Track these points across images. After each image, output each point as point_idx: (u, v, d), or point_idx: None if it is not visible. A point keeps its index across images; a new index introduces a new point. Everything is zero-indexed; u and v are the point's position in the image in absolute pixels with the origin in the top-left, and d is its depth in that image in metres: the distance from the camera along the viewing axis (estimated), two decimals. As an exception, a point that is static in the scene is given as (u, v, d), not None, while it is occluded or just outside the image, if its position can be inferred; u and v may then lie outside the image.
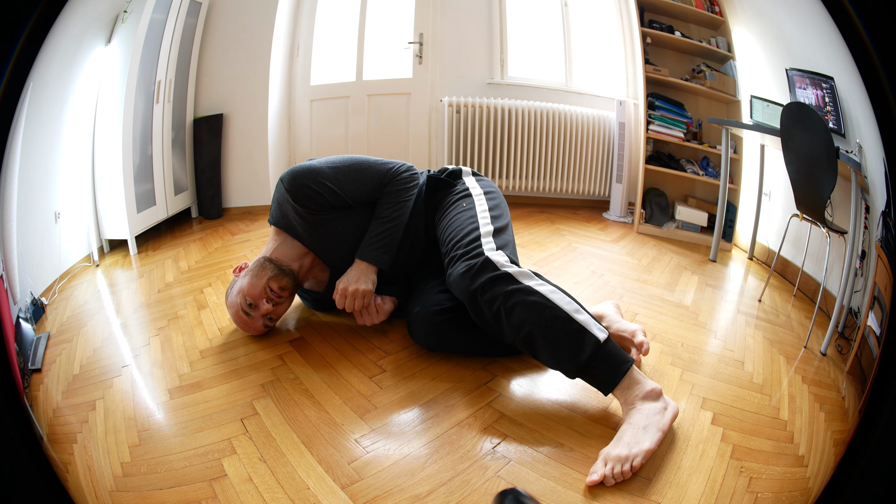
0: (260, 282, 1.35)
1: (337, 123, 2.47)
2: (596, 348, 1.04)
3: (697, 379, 1.26)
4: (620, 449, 0.94)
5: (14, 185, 0.95)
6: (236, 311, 1.37)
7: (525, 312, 1.09)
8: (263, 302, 1.35)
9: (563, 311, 1.07)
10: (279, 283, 1.37)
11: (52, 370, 1.18)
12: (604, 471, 0.91)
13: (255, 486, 0.91)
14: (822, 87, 1.28)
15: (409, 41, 2.44)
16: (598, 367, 1.04)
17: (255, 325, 1.38)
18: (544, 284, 1.13)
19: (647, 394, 1.02)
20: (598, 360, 1.04)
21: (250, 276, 1.36)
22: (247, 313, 1.35)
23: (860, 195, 1.13)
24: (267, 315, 1.37)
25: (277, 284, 1.36)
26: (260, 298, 1.35)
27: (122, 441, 1.02)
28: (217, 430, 1.05)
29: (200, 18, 1.97)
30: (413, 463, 0.97)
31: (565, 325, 1.06)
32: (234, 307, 1.37)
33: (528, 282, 1.12)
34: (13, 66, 0.76)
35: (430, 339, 1.32)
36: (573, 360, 1.05)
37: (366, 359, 1.33)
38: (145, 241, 1.87)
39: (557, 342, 1.07)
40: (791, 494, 0.92)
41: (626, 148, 2.43)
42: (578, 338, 1.05)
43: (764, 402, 1.18)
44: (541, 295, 1.10)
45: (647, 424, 0.97)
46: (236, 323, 1.40)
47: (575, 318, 1.07)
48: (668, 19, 2.17)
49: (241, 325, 1.39)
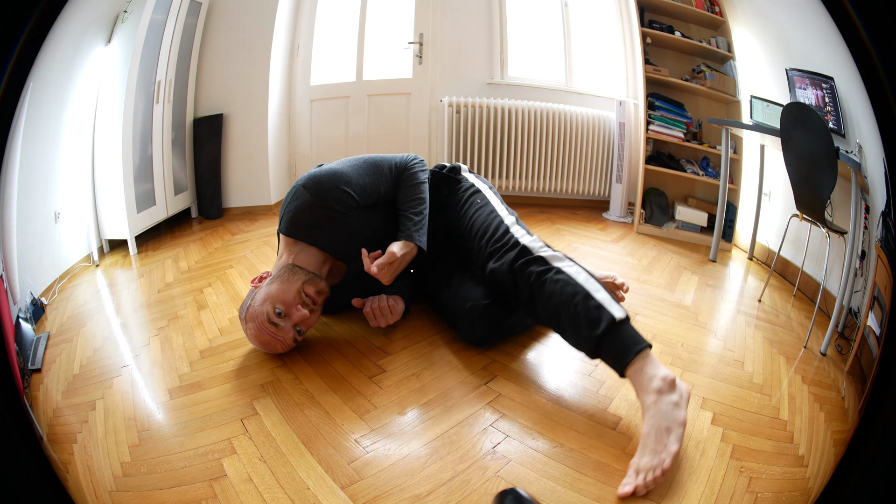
0: (293, 286, 1.25)
1: (337, 123, 2.47)
2: (611, 324, 1.06)
3: (697, 379, 1.26)
4: (649, 457, 0.93)
5: (14, 185, 0.95)
6: (261, 323, 1.22)
7: (552, 290, 1.16)
8: (297, 308, 1.24)
9: (584, 289, 1.12)
10: (316, 286, 1.28)
11: (52, 370, 1.18)
12: (636, 482, 0.90)
13: (255, 486, 0.91)
14: (822, 87, 1.28)
15: (409, 41, 2.44)
16: (612, 344, 1.06)
17: (284, 338, 1.24)
18: (573, 266, 1.20)
19: (662, 381, 0.99)
20: (612, 337, 1.06)
21: (279, 283, 1.26)
22: (275, 324, 1.22)
23: (860, 195, 1.13)
24: (297, 326, 1.25)
25: (314, 288, 1.28)
26: (293, 305, 1.24)
27: (122, 441, 1.02)
28: (217, 430, 1.05)
29: (200, 18, 1.97)
30: (413, 463, 0.97)
31: (585, 300, 1.10)
32: (259, 319, 1.23)
33: (558, 263, 1.20)
34: (13, 66, 0.76)
35: (486, 331, 1.35)
36: (590, 334, 1.07)
37: (366, 359, 1.33)
38: (145, 241, 1.87)
39: (577, 317, 1.10)
40: (791, 494, 0.92)
41: (626, 148, 2.43)
42: (596, 313, 1.08)
43: (764, 402, 1.18)
44: (567, 275, 1.16)
45: (669, 425, 0.96)
46: (258, 340, 1.25)
47: (594, 296, 1.11)
48: (668, 19, 2.17)
49: (263, 341, 1.25)
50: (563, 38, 2.53)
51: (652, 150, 2.24)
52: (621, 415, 1.12)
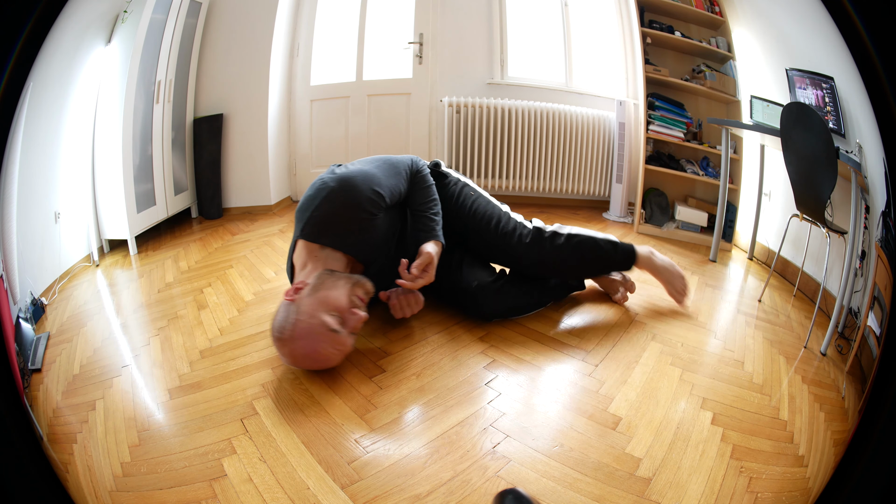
0: (343, 291, 1.20)
1: (337, 123, 2.47)
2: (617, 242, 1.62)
3: (697, 379, 1.26)
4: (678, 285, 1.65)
5: (14, 185, 0.95)
6: (319, 335, 1.15)
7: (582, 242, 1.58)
8: (352, 313, 1.19)
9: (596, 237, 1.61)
10: (364, 288, 1.25)
11: (52, 370, 1.18)
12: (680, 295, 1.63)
13: (255, 486, 0.91)
14: (822, 87, 1.28)
15: (409, 41, 2.44)
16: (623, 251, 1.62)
17: (343, 347, 1.19)
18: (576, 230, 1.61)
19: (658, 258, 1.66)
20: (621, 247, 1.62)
21: (326, 290, 1.19)
22: (336, 331, 1.16)
23: (860, 195, 1.13)
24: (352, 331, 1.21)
25: (363, 290, 1.25)
26: (347, 311, 1.19)
27: (122, 441, 1.02)
28: (217, 430, 1.05)
29: (200, 18, 1.97)
30: (413, 463, 0.97)
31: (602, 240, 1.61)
32: (316, 331, 1.15)
33: (567, 231, 1.60)
34: (13, 66, 0.76)
35: (496, 305, 1.51)
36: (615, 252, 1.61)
37: (366, 359, 1.33)
38: (145, 241, 1.87)
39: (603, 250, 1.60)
40: (791, 494, 0.92)
41: (626, 148, 2.43)
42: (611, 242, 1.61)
43: (764, 402, 1.18)
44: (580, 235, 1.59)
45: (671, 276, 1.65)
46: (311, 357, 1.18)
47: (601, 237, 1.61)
48: (668, 19, 2.17)
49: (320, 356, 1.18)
50: (563, 38, 2.53)
51: (652, 150, 2.24)
52: (621, 415, 1.12)
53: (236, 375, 1.24)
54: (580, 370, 1.29)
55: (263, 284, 1.73)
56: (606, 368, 1.30)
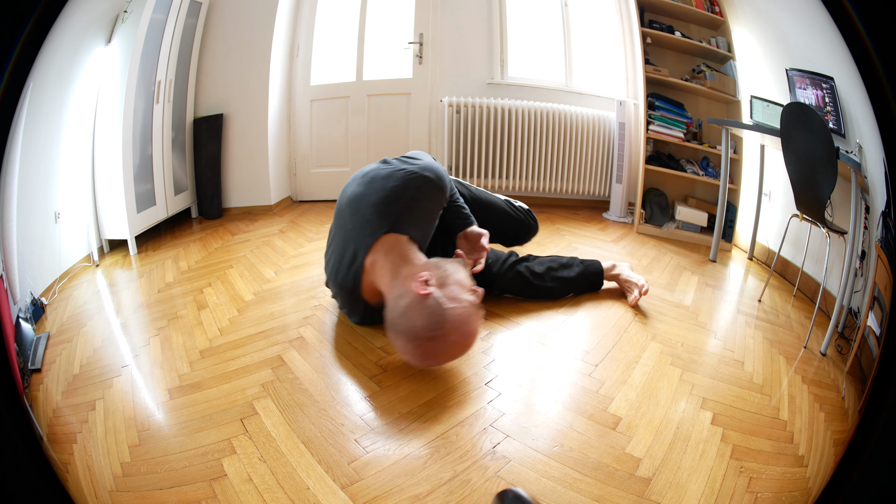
0: (465, 272, 1.22)
1: (337, 123, 2.47)
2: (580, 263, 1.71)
3: (697, 379, 1.26)
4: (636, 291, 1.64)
5: (14, 185, 0.95)
6: (472, 315, 1.14)
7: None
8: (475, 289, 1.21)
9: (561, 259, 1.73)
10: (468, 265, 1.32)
11: (51, 370, 1.18)
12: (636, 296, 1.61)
13: (255, 486, 0.91)
14: (822, 87, 1.28)
15: (409, 41, 2.44)
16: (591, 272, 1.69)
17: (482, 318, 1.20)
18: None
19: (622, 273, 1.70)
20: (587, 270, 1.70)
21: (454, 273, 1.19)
22: (478, 307, 1.18)
23: (860, 195, 1.13)
24: None
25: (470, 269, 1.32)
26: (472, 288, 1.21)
27: (122, 441, 1.02)
28: (217, 430, 1.05)
29: (200, 18, 1.97)
30: (413, 463, 0.97)
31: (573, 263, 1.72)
32: (467, 312, 1.14)
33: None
34: (13, 66, 0.76)
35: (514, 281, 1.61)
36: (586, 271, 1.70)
37: (366, 359, 1.33)
38: (145, 241, 1.87)
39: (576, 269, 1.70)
40: (791, 494, 0.92)
41: (626, 148, 2.43)
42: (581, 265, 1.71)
43: (764, 402, 1.18)
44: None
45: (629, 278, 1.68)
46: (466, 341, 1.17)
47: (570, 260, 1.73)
48: (668, 19, 2.17)
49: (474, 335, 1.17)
50: (563, 38, 2.53)
51: (652, 150, 2.24)
52: (621, 415, 1.12)
53: (236, 375, 1.24)
54: (580, 370, 1.29)
55: (263, 284, 1.73)
56: (606, 368, 1.30)
